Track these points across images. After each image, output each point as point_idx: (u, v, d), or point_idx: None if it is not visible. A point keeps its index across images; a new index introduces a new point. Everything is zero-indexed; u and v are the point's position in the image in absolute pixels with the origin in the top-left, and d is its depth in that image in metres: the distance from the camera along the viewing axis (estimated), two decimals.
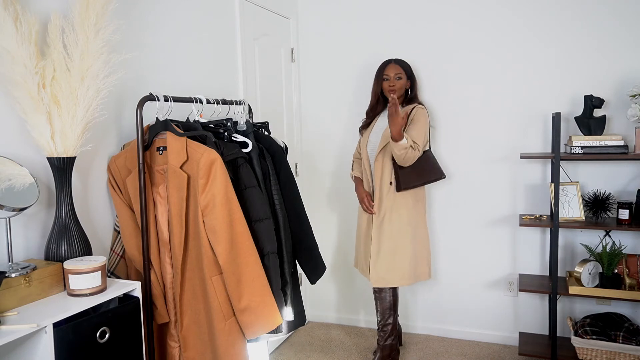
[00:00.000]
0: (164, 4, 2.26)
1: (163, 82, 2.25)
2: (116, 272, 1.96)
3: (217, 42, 2.65)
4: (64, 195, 1.64)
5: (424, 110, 2.76)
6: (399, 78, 2.82)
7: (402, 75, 2.83)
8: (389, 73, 2.83)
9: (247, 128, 2.16)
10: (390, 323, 2.87)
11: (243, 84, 2.83)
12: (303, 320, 2.27)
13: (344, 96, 3.40)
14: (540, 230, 3.06)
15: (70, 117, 1.61)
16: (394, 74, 2.82)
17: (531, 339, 2.99)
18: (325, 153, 3.49)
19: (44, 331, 1.37)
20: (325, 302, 3.60)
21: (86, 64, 1.63)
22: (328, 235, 3.54)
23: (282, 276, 2.09)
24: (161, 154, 1.90)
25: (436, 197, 3.25)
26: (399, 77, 2.82)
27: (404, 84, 2.84)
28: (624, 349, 2.59)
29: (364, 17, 3.30)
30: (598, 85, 2.86)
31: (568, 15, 2.88)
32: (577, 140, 2.66)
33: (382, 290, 2.84)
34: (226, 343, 1.83)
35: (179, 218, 1.81)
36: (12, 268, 1.48)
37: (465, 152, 3.16)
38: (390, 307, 2.86)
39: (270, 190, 2.13)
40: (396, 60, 2.87)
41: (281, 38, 3.30)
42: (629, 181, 2.85)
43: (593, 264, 2.71)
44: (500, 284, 3.17)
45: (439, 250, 3.28)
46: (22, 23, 1.51)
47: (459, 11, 3.09)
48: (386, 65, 2.86)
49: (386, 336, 2.88)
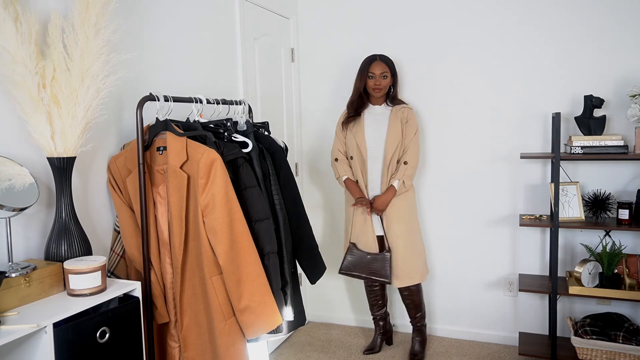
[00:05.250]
0: (164, 4, 2.26)
1: (163, 82, 2.25)
2: (116, 272, 1.96)
3: (217, 42, 2.65)
4: (64, 195, 1.64)
5: (413, 114, 2.85)
6: (385, 77, 2.83)
7: (388, 74, 2.84)
8: (374, 71, 2.81)
9: (247, 128, 2.16)
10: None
11: (243, 84, 2.83)
12: (303, 320, 2.27)
13: (344, 96, 3.38)
14: (540, 230, 3.06)
15: (70, 117, 1.61)
16: (380, 72, 2.81)
17: (531, 339, 2.99)
18: (325, 153, 3.49)
19: (44, 331, 1.37)
20: (325, 302, 3.60)
21: (86, 64, 1.63)
22: (328, 235, 3.53)
23: (282, 276, 2.09)
24: (161, 154, 1.90)
25: (436, 197, 3.25)
26: (384, 75, 2.82)
27: (389, 82, 2.86)
28: (624, 349, 2.59)
29: (364, 17, 3.30)
30: (598, 85, 2.86)
31: (568, 15, 2.88)
32: (577, 140, 2.66)
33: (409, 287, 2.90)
34: (226, 343, 1.83)
35: (179, 218, 1.81)
36: (12, 268, 1.48)
37: (465, 152, 3.15)
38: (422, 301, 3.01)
39: (270, 190, 2.13)
40: (381, 57, 2.85)
41: (281, 38, 3.30)
42: (629, 181, 2.85)
43: (593, 264, 2.71)
44: (500, 284, 3.17)
45: (439, 250, 3.28)
46: (22, 23, 1.51)
47: (460, 10, 3.09)
48: (371, 62, 2.83)
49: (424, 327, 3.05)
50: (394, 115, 2.83)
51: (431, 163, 3.23)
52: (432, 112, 3.18)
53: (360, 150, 2.84)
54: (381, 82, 2.81)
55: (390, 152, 2.78)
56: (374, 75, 2.81)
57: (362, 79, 2.85)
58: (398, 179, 2.76)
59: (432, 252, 3.27)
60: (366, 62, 2.86)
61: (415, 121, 2.84)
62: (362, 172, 2.85)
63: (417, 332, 3.03)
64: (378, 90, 2.82)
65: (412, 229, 2.86)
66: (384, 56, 2.88)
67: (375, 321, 3.14)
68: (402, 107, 2.85)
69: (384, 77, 2.81)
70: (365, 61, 2.87)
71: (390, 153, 2.79)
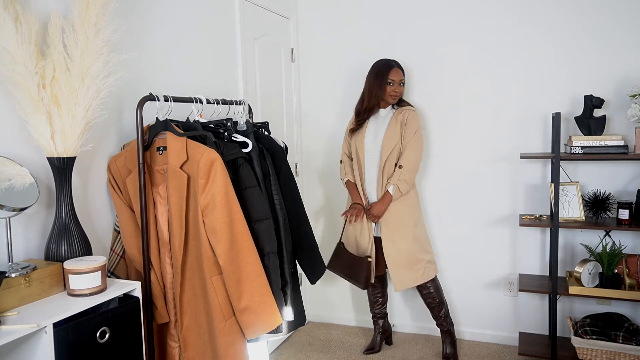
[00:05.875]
0: (164, 4, 2.26)
1: (163, 82, 2.25)
2: (116, 272, 1.96)
3: (217, 42, 2.65)
4: (64, 195, 1.64)
5: (416, 116, 2.80)
6: (402, 84, 2.81)
7: (404, 81, 2.84)
8: (394, 78, 2.77)
9: (247, 128, 2.16)
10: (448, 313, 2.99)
11: (243, 84, 2.83)
12: (303, 320, 2.27)
13: (344, 96, 3.40)
14: (540, 230, 3.06)
15: (70, 117, 1.61)
16: (399, 79, 2.79)
17: (531, 339, 2.99)
18: (325, 153, 3.49)
19: (44, 331, 1.37)
20: (325, 302, 3.60)
21: (86, 64, 1.63)
22: (328, 235, 3.54)
23: (282, 276, 2.09)
24: (161, 154, 1.90)
25: (436, 197, 3.25)
26: (402, 83, 2.81)
27: (403, 90, 2.85)
28: (624, 349, 2.59)
29: (364, 17, 3.30)
30: (598, 85, 2.86)
31: (568, 15, 2.88)
32: (577, 140, 2.66)
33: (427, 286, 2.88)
34: (226, 343, 1.83)
35: (179, 218, 1.81)
36: (12, 268, 1.48)
37: (465, 152, 3.15)
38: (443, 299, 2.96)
39: (270, 190, 2.13)
40: (398, 64, 2.83)
41: (281, 38, 3.30)
42: (629, 181, 2.85)
43: (593, 264, 2.71)
44: (500, 284, 3.17)
45: (439, 250, 3.27)
46: (22, 23, 1.51)
47: (460, 10, 3.09)
48: (390, 69, 2.78)
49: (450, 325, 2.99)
50: (395, 118, 2.81)
51: (431, 163, 3.23)
52: (432, 112, 3.18)
53: (358, 153, 2.84)
54: (400, 90, 2.79)
55: (386, 154, 2.75)
56: (393, 82, 2.77)
57: (383, 85, 2.76)
58: (392, 184, 2.73)
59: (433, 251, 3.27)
60: (385, 68, 2.78)
61: (416, 123, 2.78)
62: (360, 174, 2.85)
63: (445, 333, 2.97)
64: (395, 97, 2.80)
65: (410, 232, 2.81)
66: (399, 63, 2.85)
67: (374, 320, 3.14)
68: (405, 109, 2.81)
69: (401, 84, 2.80)
70: (382, 67, 2.79)
71: (385, 155, 2.76)
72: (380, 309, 3.11)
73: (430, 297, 2.90)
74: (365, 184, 2.84)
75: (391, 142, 2.76)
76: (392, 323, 3.34)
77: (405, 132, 2.77)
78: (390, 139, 2.77)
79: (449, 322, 2.96)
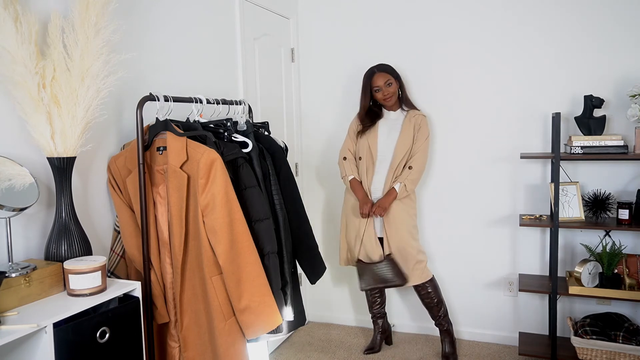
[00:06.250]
0: (164, 4, 2.26)
1: (163, 82, 2.25)
2: (116, 272, 1.96)
3: (217, 42, 2.65)
4: (64, 195, 1.64)
5: (426, 121, 2.87)
6: (389, 85, 2.83)
7: (392, 81, 2.84)
8: (378, 84, 2.82)
9: (247, 128, 2.16)
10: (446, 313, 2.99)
11: (243, 84, 2.83)
12: (303, 320, 2.27)
13: (344, 96, 3.40)
14: (540, 230, 3.06)
15: (70, 117, 1.61)
16: (384, 82, 2.82)
17: (531, 339, 2.99)
18: (325, 153, 3.49)
19: (44, 331, 1.37)
20: (325, 302, 3.60)
21: (86, 64, 1.63)
22: (328, 235, 3.54)
23: (282, 276, 2.09)
24: (161, 154, 1.90)
25: (436, 197, 3.25)
26: (389, 84, 2.83)
27: (396, 88, 2.87)
28: (624, 349, 2.59)
29: (364, 17, 3.30)
30: (598, 85, 2.86)
31: (568, 15, 2.88)
32: (577, 140, 2.66)
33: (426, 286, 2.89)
34: (226, 343, 1.83)
35: (179, 218, 1.81)
36: (12, 268, 1.48)
37: (465, 152, 3.16)
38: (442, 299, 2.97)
39: (270, 190, 2.13)
40: (379, 67, 2.85)
41: (281, 38, 3.30)
42: (629, 181, 2.85)
43: (593, 264, 2.71)
44: (500, 284, 3.17)
45: (438, 250, 3.28)
46: (22, 23, 1.51)
47: (460, 10, 3.09)
48: (372, 76, 2.84)
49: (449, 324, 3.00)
50: (408, 121, 2.85)
51: (431, 163, 3.23)
52: (432, 112, 3.18)
53: (371, 152, 2.86)
54: (388, 91, 2.82)
55: (399, 156, 2.81)
56: (379, 87, 2.82)
57: (367, 95, 2.87)
58: (400, 181, 2.77)
59: (432, 252, 3.27)
60: (366, 78, 2.87)
61: (427, 128, 2.86)
62: (367, 173, 2.86)
63: (444, 333, 2.98)
64: (389, 99, 2.84)
65: (410, 233, 2.85)
66: (381, 65, 2.88)
67: (373, 320, 3.14)
68: (417, 113, 2.88)
69: (389, 85, 2.82)
70: (365, 77, 2.87)
71: (398, 158, 2.81)
72: (379, 309, 3.11)
73: (429, 297, 2.91)
74: (371, 183, 2.85)
75: (405, 144, 2.81)
76: (391, 323, 3.34)
77: (418, 136, 2.84)
78: (404, 141, 2.81)
79: (447, 322, 2.97)
